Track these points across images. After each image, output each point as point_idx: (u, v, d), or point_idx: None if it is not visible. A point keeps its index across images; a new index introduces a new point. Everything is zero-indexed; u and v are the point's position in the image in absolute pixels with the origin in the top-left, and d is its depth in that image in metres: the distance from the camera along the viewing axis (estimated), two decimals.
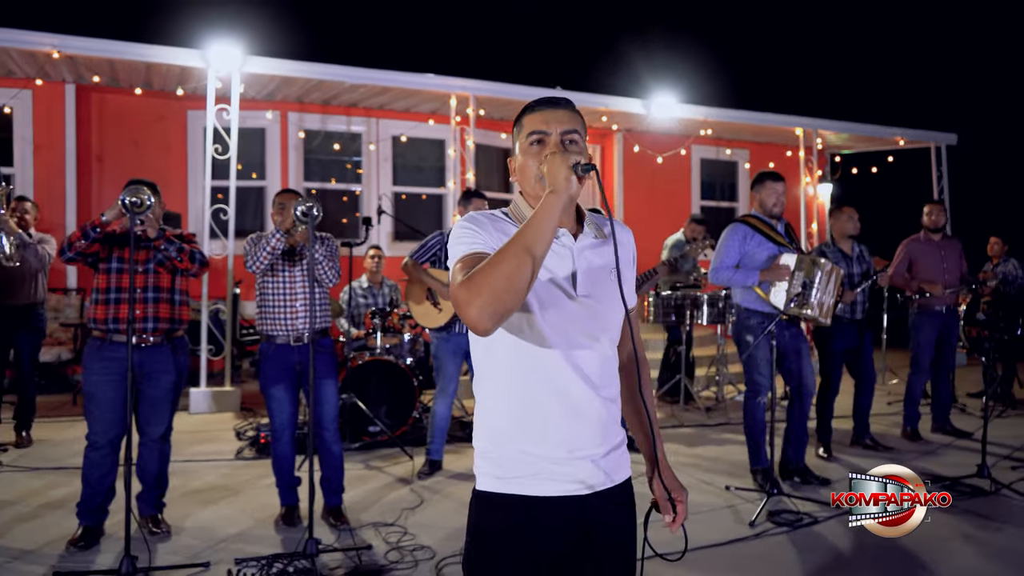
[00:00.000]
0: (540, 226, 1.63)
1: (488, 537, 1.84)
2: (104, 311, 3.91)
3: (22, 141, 8.59)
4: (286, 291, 4.20)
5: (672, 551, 2.04)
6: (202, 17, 8.38)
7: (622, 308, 1.93)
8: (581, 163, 1.68)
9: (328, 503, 4.33)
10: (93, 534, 3.93)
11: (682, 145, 10.93)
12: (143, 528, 4.06)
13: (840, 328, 5.77)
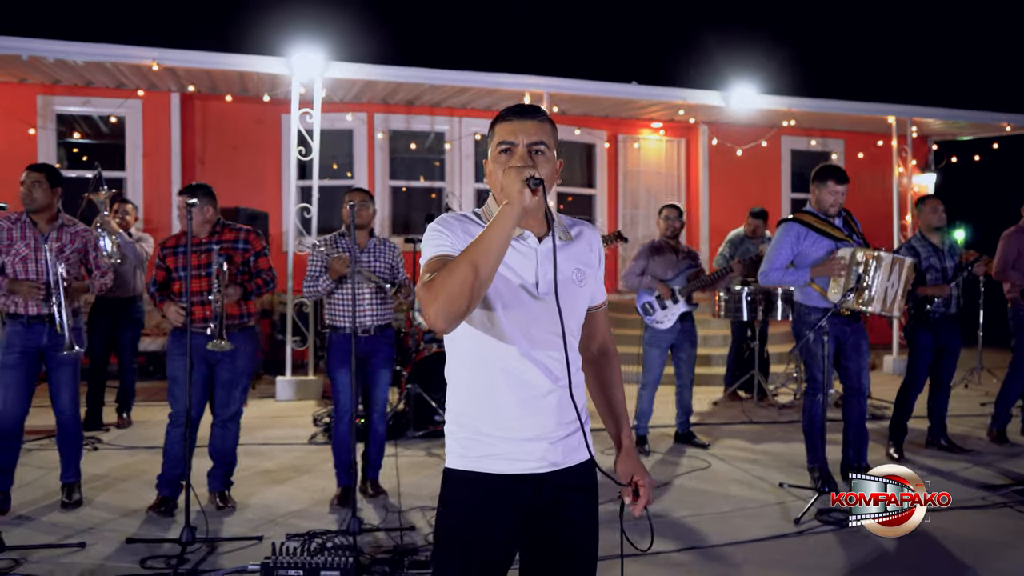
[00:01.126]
0: (493, 236, 1.76)
1: (453, 510, 1.99)
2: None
3: (133, 147, 9.30)
4: (350, 292, 4.48)
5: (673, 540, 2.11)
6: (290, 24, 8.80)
7: (583, 307, 2.06)
8: (533, 177, 1.79)
9: (367, 476, 4.66)
10: (168, 503, 4.33)
11: (764, 137, 10.67)
12: (211, 503, 4.42)
13: (932, 323, 5.56)
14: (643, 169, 11.34)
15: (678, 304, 5.74)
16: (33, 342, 4.32)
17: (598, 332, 2.21)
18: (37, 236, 4.36)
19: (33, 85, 8.86)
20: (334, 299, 4.56)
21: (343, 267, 4.37)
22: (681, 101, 9.15)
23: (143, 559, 3.66)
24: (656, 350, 5.82)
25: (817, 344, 4.71)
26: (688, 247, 6.06)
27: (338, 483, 4.61)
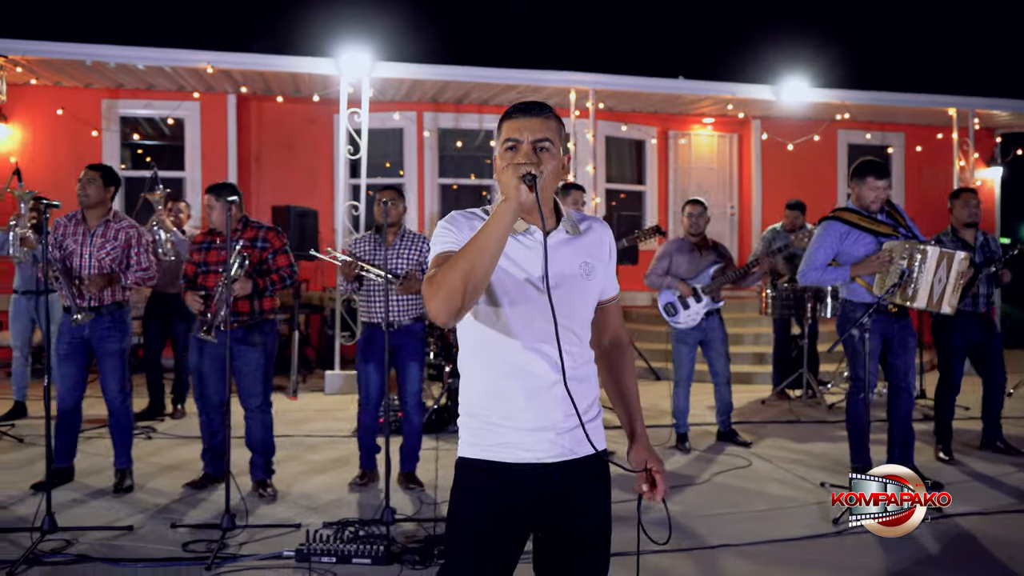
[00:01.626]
0: (489, 233, 1.79)
1: (464, 497, 2.04)
2: None
3: (191, 148, 9.61)
4: (379, 288, 4.65)
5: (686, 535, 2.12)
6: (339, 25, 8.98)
7: (591, 301, 2.08)
8: (529, 174, 1.81)
9: (403, 468, 4.75)
10: (209, 479, 4.62)
11: (817, 131, 10.43)
12: (254, 491, 4.57)
13: (961, 322, 5.38)
14: (694, 165, 11.22)
15: (701, 303, 5.68)
16: (79, 332, 4.56)
17: (610, 325, 2.22)
18: (85, 232, 4.60)
19: (98, 89, 9.22)
20: (361, 295, 4.74)
21: (349, 271, 4.58)
22: (730, 96, 9.03)
23: (185, 543, 3.80)
24: (684, 347, 5.77)
25: (860, 341, 4.62)
26: (715, 243, 5.97)
27: (360, 466, 4.82)
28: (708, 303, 5.69)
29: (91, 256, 4.56)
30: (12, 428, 5.99)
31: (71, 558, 3.62)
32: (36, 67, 8.31)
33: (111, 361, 4.60)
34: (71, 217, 4.68)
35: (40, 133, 9.13)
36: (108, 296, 4.59)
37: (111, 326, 4.59)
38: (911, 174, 11.21)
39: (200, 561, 3.58)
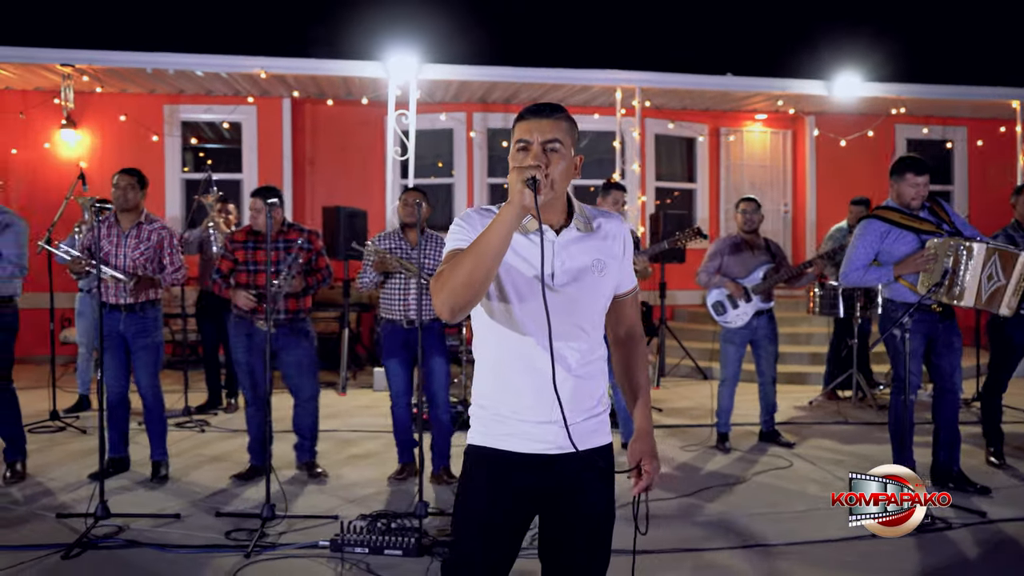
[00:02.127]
0: (492, 235, 1.85)
1: (471, 482, 2.11)
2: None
3: (248, 150, 9.91)
4: (401, 286, 4.77)
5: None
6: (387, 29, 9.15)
7: (603, 297, 2.11)
8: (533, 178, 1.85)
9: (434, 468, 4.84)
10: (257, 471, 4.77)
11: (871, 127, 10.17)
12: (301, 471, 4.91)
13: (1019, 320, 5.21)
14: (746, 162, 11.07)
15: (752, 302, 5.62)
16: (114, 328, 4.78)
17: (626, 318, 2.25)
18: (119, 233, 4.81)
19: (161, 95, 9.59)
20: (384, 292, 4.83)
21: (384, 265, 4.65)
22: (780, 92, 8.91)
23: (228, 531, 3.96)
24: (731, 346, 5.72)
25: (902, 341, 4.52)
26: (769, 241, 5.89)
27: (398, 460, 4.96)
28: (758, 303, 5.63)
29: (125, 257, 4.77)
30: (76, 420, 6.30)
31: (121, 543, 3.81)
32: (101, 75, 8.69)
33: (144, 356, 4.82)
34: (105, 219, 4.89)
35: (107, 139, 9.54)
36: (144, 295, 4.80)
37: (144, 323, 4.81)
38: (974, 169, 10.85)
39: (240, 548, 3.73)
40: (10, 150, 9.39)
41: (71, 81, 8.33)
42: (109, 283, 4.71)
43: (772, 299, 5.76)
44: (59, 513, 4.19)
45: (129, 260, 4.78)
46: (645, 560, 3.72)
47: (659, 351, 8.63)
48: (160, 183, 9.61)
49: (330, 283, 4.98)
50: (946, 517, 4.21)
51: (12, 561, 3.58)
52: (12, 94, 9.33)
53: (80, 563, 3.61)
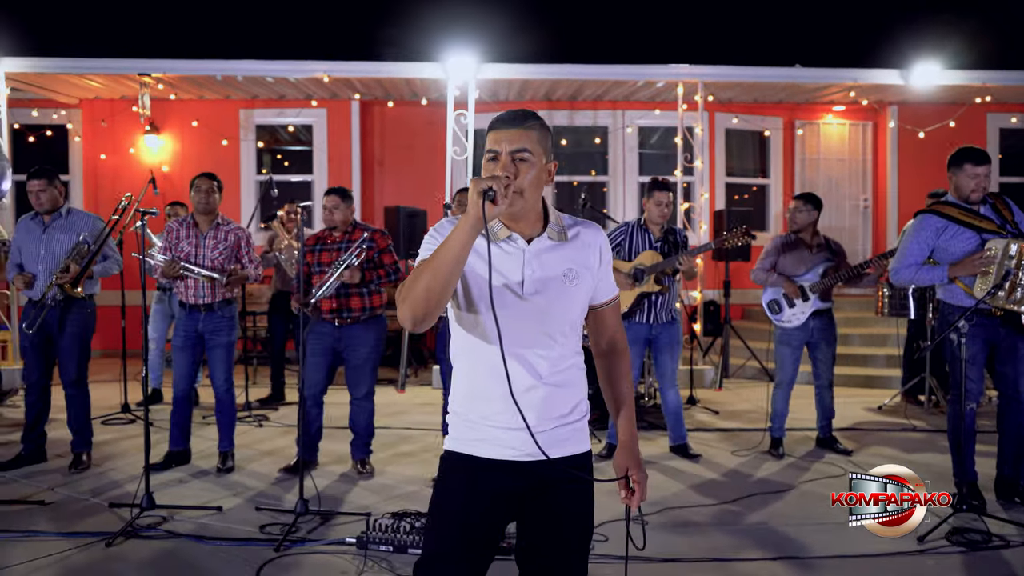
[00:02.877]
0: (448, 248, 1.84)
1: (445, 486, 2.11)
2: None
3: (319, 152, 10.18)
4: None
5: None
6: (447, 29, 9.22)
7: (575, 306, 2.08)
8: (490, 189, 1.82)
9: None
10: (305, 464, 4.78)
11: (953, 116, 9.61)
12: (353, 468, 5.05)
13: None
14: (823, 155, 10.67)
15: (808, 302, 5.40)
16: (192, 326, 4.99)
17: (607, 328, 2.22)
18: (198, 235, 5.02)
19: (236, 100, 9.96)
20: None
21: None
22: (852, 82, 8.52)
23: (263, 525, 4.08)
24: (787, 348, 5.51)
25: (970, 348, 4.25)
26: (829, 239, 5.64)
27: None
28: (815, 302, 5.41)
29: (205, 257, 4.98)
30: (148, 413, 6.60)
31: (162, 533, 3.98)
32: (177, 83, 9.08)
33: (220, 353, 5.03)
34: (182, 221, 5.11)
35: (186, 143, 9.97)
36: (219, 294, 4.99)
37: (221, 321, 5.01)
38: None
39: (272, 542, 3.84)
40: (99, 155, 9.94)
41: (147, 89, 8.73)
42: (190, 284, 4.94)
43: (831, 299, 5.52)
44: (111, 503, 4.41)
45: (209, 260, 4.99)
46: (668, 569, 3.64)
47: (722, 352, 8.40)
48: (236, 185, 9.99)
49: (398, 278, 5.02)
50: (1005, 535, 3.95)
51: (62, 547, 3.79)
52: (101, 103, 9.88)
53: (122, 551, 3.79)
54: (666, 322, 5.37)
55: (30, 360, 5.13)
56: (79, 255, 4.93)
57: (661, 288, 5.27)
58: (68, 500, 4.52)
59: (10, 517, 4.18)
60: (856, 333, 8.83)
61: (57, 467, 5.12)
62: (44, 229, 5.04)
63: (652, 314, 5.34)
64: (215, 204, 5.09)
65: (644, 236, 5.39)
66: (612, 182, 10.28)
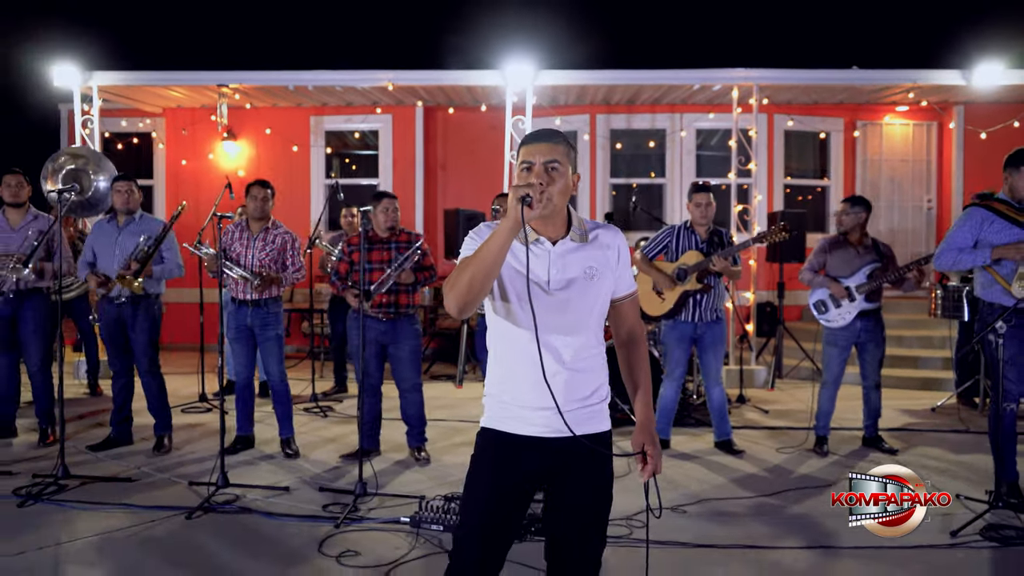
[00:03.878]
0: (487, 248, 2.12)
1: (480, 459, 2.38)
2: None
3: (384, 156, 10.60)
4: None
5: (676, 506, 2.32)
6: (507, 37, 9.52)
7: (597, 301, 2.33)
8: (527, 196, 2.09)
9: None
10: (364, 452, 5.11)
11: (1017, 116, 9.41)
12: (411, 456, 5.40)
13: None
14: (885, 156, 10.57)
15: (855, 302, 5.48)
16: (242, 320, 5.40)
17: (626, 320, 2.46)
18: (249, 237, 5.43)
19: (306, 108, 10.46)
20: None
21: None
22: (911, 84, 8.46)
23: (326, 504, 4.43)
24: (834, 348, 5.61)
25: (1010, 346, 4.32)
26: (877, 241, 5.71)
27: None
28: (862, 303, 5.50)
29: (253, 257, 5.38)
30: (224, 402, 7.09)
31: (235, 509, 4.36)
32: (252, 93, 9.62)
33: (270, 346, 5.42)
34: (237, 225, 5.52)
35: (261, 149, 10.53)
36: (268, 291, 5.38)
37: (268, 316, 5.40)
38: None
39: (333, 519, 4.18)
40: (180, 161, 10.58)
41: (225, 99, 9.27)
42: (238, 281, 5.35)
43: (879, 300, 5.60)
44: (191, 481, 4.83)
45: (256, 260, 5.39)
46: (702, 554, 3.83)
47: (775, 352, 8.46)
48: (306, 189, 10.50)
49: (433, 281, 5.35)
50: None
51: (146, 519, 4.21)
52: (183, 111, 10.51)
53: (200, 523, 4.19)
54: (711, 321, 5.54)
55: (111, 351, 5.62)
56: (142, 256, 5.36)
57: (703, 287, 5.44)
58: (152, 478, 4.96)
59: (102, 491, 4.64)
60: (912, 335, 8.76)
61: (142, 449, 5.59)
62: (119, 232, 5.51)
63: (697, 313, 5.51)
64: (268, 210, 5.49)
65: (691, 237, 5.57)
66: (669, 184, 10.41)
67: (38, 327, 5.67)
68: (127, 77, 8.88)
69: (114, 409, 5.69)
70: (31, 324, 5.64)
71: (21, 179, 5.71)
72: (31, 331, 5.64)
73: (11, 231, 5.62)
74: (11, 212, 5.69)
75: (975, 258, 4.45)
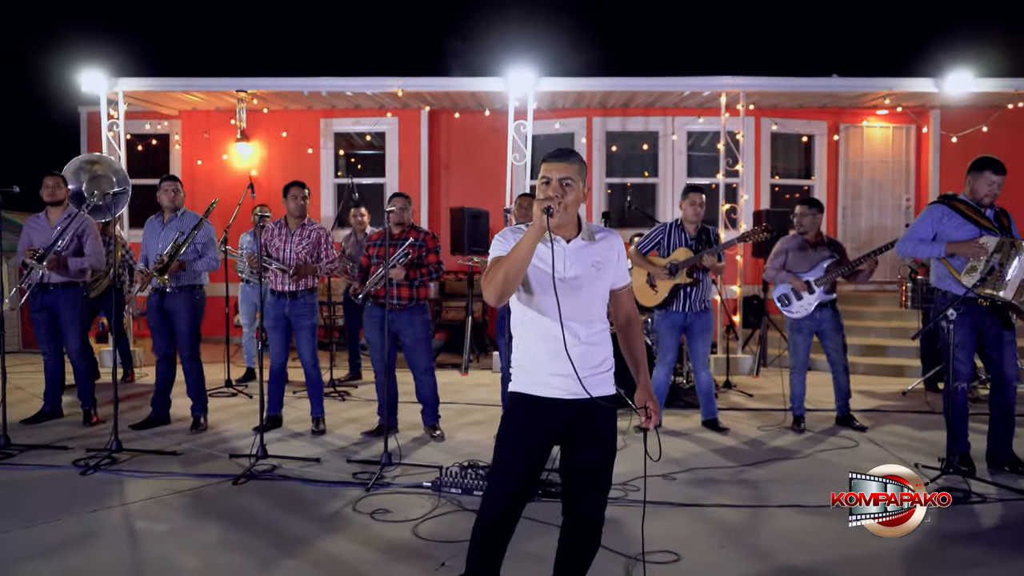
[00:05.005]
0: (519, 249, 2.67)
1: (509, 416, 2.92)
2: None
3: (391, 157, 11.15)
4: None
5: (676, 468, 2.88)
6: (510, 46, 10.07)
7: (602, 289, 2.88)
8: (549, 208, 2.65)
9: None
10: (383, 429, 5.65)
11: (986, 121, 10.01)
12: (427, 433, 5.94)
13: None
14: (866, 158, 11.16)
15: (814, 295, 6.07)
16: (280, 310, 5.93)
17: (623, 306, 3.01)
18: (287, 233, 5.95)
19: (317, 111, 10.99)
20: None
21: None
22: (887, 91, 9.04)
23: (355, 472, 4.98)
24: (799, 336, 6.21)
25: (959, 332, 4.89)
26: (831, 239, 6.33)
27: None
28: (820, 295, 6.09)
29: (291, 251, 5.92)
30: (245, 388, 7.64)
31: (276, 476, 4.91)
32: (267, 97, 10.14)
33: (304, 334, 5.95)
34: (277, 223, 6.06)
35: (272, 150, 11.05)
36: (303, 284, 5.92)
37: (304, 307, 5.93)
38: None
39: (363, 485, 4.73)
40: (196, 161, 11.10)
41: (244, 104, 9.80)
42: (277, 273, 5.88)
43: (834, 292, 6.20)
44: (231, 454, 5.38)
45: (294, 254, 5.92)
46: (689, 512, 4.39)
47: (760, 342, 9.05)
48: (316, 187, 11.02)
49: (438, 277, 5.89)
50: (986, 494, 4.58)
51: (197, 484, 4.76)
52: (199, 114, 11.02)
53: (246, 488, 4.73)
54: (700, 311, 6.11)
55: (155, 337, 6.16)
56: (174, 250, 5.88)
57: (692, 281, 6.01)
58: (194, 452, 5.50)
59: (152, 463, 5.18)
60: (884, 326, 9.36)
61: (180, 428, 6.13)
62: (163, 227, 6.05)
63: (687, 303, 6.08)
64: (305, 208, 6.03)
65: (680, 235, 6.14)
66: (662, 183, 10.98)
67: (75, 316, 6.18)
68: (151, 83, 9.41)
69: (155, 391, 6.23)
70: (68, 313, 6.15)
71: (59, 180, 6.22)
72: (68, 320, 6.16)
73: (49, 228, 6.14)
74: (51, 211, 6.21)
75: (931, 250, 5.01)
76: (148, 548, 3.86)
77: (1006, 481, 4.79)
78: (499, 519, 2.87)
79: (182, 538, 3.97)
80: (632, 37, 14.21)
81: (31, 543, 3.88)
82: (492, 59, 9.49)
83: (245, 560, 3.70)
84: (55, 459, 5.27)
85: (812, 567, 3.65)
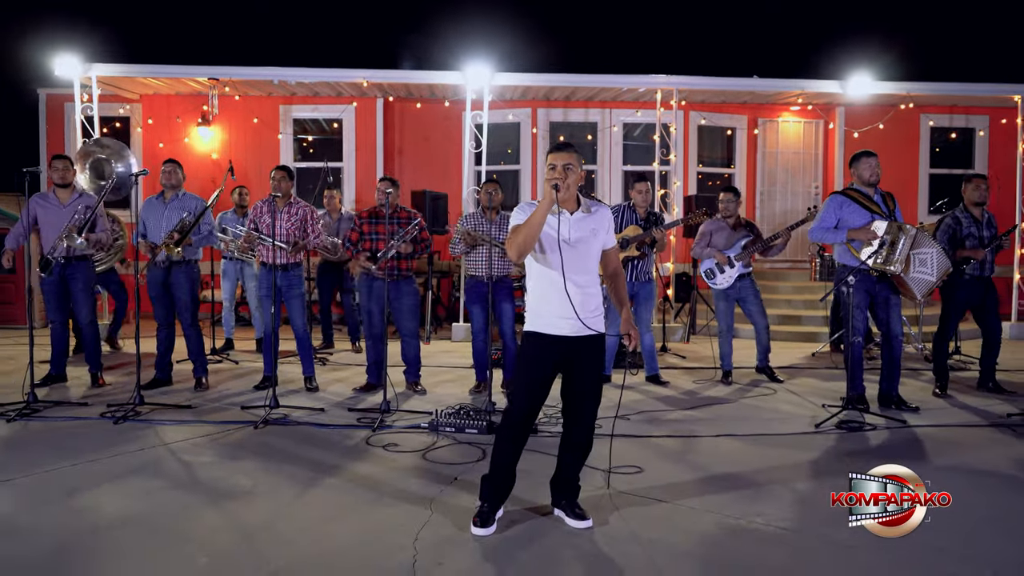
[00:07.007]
0: (535, 217, 3.53)
1: (525, 348, 3.79)
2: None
3: (348, 143, 11.80)
4: (484, 253, 6.47)
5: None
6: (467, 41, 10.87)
7: (597, 250, 3.78)
8: (556, 185, 3.54)
9: (504, 380, 6.71)
10: (373, 386, 6.50)
11: (883, 119, 11.39)
12: (409, 389, 6.73)
13: (964, 282, 6.62)
14: (781, 149, 12.42)
15: (735, 268, 7.18)
16: (271, 281, 6.57)
17: (611, 261, 3.92)
18: (275, 211, 6.61)
19: (277, 97, 11.55)
20: (469, 258, 6.54)
21: (473, 241, 6.35)
22: (799, 91, 10.24)
23: (359, 418, 5.78)
24: (723, 303, 7.33)
25: (855, 296, 6.01)
26: (749, 221, 7.47)
27: (476, 378, 6.76)
28: (740, 268, 7.20)
29: (281, 227, 6.60)
30: (228, 356, 8.28)
31: (290, 422, 5.67)
32: (233, 84, 10.66)
33: (296, 303, 6.67)
34: (265, 201, 6.73)
35: (233, 135, 11.56)
36: (292, 258, 6.64)
37: (294, 278, 6.63)
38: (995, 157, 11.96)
39: (368, 427, 5.54)
40: (157, 144, 11.51)
41: (216, 91, 10.31)
42: (269, 248, 6.57)
43: (751, 266, 7.32)
44: (243, 406, 6.10)
45: (284, 231, 6.62)
46: (644, 442, 5.37)
47: (690, 313, 10.17)
48: None
49: (427, 251, 6.71)
50: (876, 424, 5.71)
51: (221, 430, 5.48)
52: (159, 98, 11.43)
53: (265, 431, 5.48)
54: (644, 281, 7.11)
55: (157, 308, 6.78)
56: (183, 227, 6.53)
57: (640, 255, 7.01)
58: (208, 406, 6.19)
59: (171, 414, 5.86)
60: (799, 299, 10.63)
61: (183, 388, 6.78)
62: (165, 207, 6.67)
63: (634, 274, 7.07)
64: (288, 188, 6.71)
65: (632, 215, 7.12)
66: (600, 171, 11.98)
67: (86, 286, 6.76)
68: (124, 69, 9.82)
69: (158, 356, 6.86)
70: (80, 283, 6.72)
71: (67, 163, 6.76)
72: (80, 289, 6.72)
73: (61, 207, 6.68)
74: (60, 192, 6.74)
75: (836, 236, 6.12)
76: (202, 472, 4.59)
77: (892, 415, 5.94)
78: (518, 430, 3.77)
79: (228, 466, 4.72)
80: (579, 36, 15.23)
81: (102, 472, 4.56)
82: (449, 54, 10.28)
83: (290, 480, 4.48)
84: (82, 413, 5.89)
85: (739, 474, 4.66)
